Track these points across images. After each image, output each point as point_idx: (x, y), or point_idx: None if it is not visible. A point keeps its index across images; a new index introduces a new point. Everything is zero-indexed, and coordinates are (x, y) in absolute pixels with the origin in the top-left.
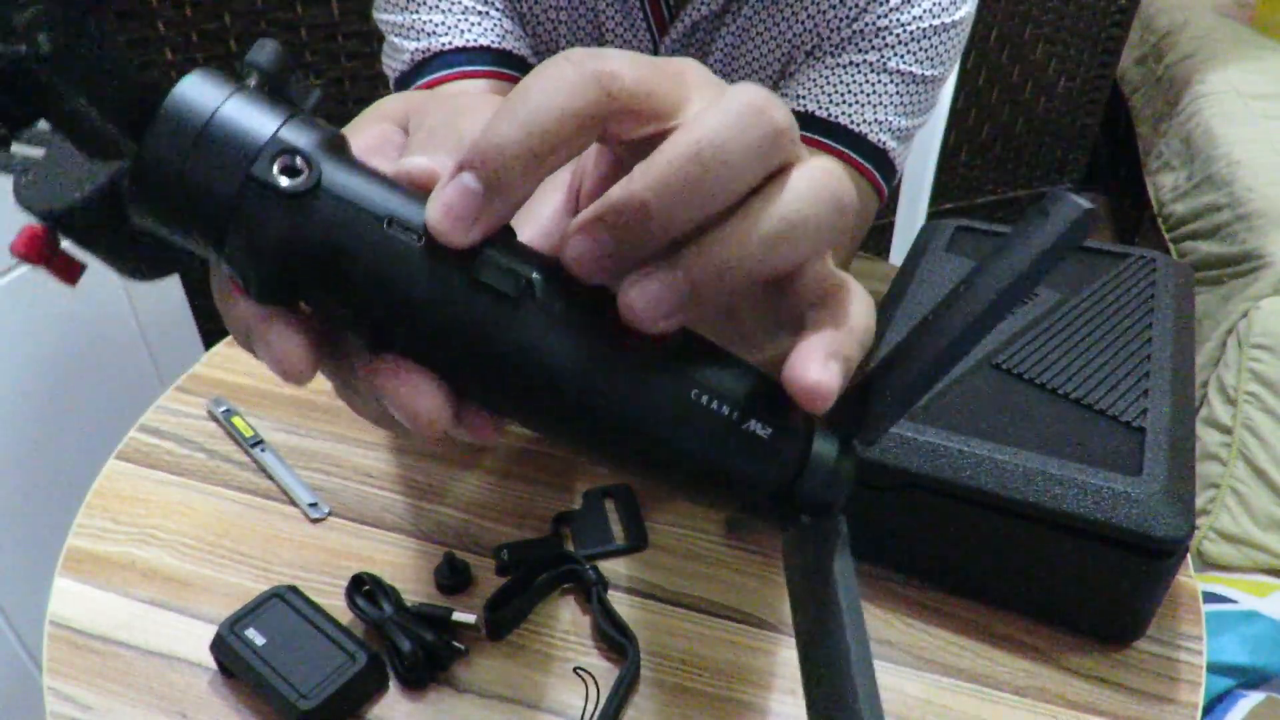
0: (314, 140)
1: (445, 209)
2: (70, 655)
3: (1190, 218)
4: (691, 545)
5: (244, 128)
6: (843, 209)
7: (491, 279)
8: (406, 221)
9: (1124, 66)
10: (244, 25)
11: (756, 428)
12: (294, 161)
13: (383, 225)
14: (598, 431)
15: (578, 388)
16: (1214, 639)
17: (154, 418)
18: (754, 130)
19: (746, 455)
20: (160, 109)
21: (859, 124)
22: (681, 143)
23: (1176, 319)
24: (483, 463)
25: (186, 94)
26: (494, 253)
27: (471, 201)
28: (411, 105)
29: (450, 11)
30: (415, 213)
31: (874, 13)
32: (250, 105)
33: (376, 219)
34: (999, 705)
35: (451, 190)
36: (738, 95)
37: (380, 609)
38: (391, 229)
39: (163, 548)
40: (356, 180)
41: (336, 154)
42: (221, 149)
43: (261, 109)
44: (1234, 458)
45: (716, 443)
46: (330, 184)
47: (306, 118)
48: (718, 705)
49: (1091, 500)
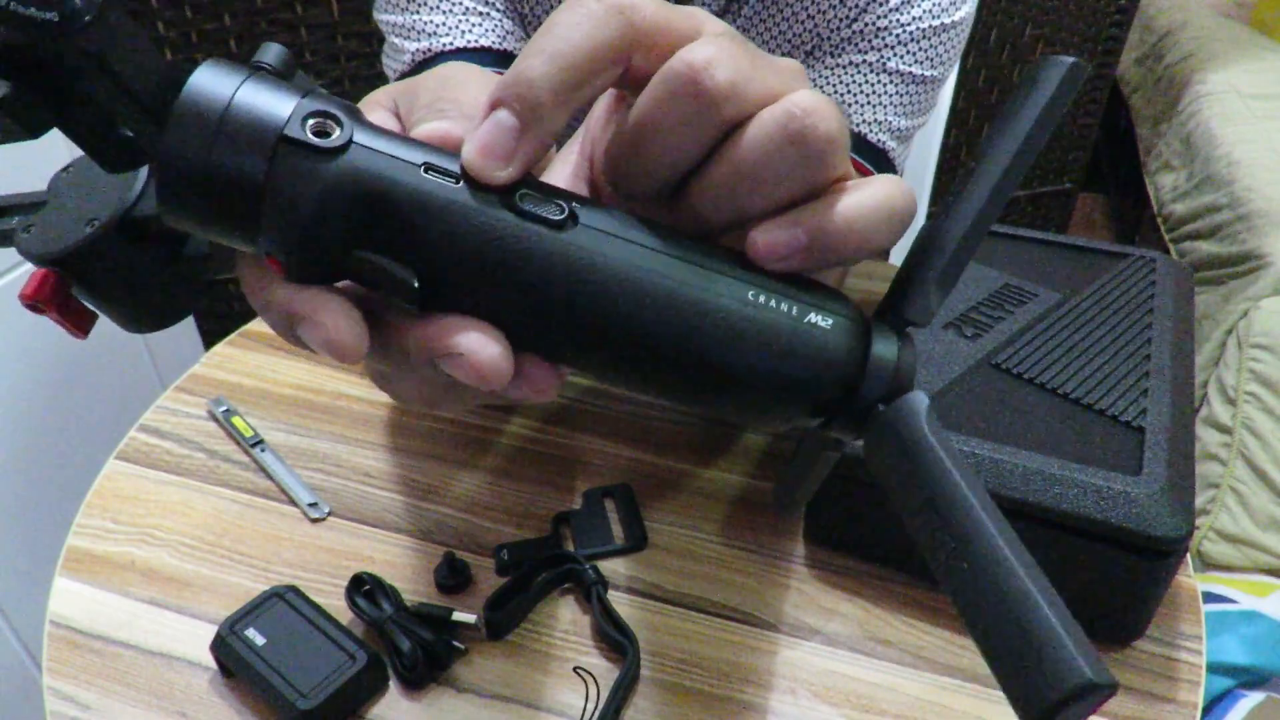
0: (339, 106)
1: (483, 147)
2: (70, 655)
3: (1190, 218)
4: (691, 545)
5: (268, 102)
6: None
7: (535, 207)
8: (442, 166)
9: (1124, 66)
10: (244, 25)
11: (818, 319)
12: (325, 123)
13: (420, 170)
14: (662, 351)
15: (636, 304)
16: (1214, 639)
17: (154, 418)
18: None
19: (812, 348)
20: (180, 96)
21: (859, 124)
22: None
23: (1176, 319)
24: (483, 463)
25: (203, 80)
26: (529, 188)
27: (508, 137)
28: (397, 91)
29: (451, 12)
30: (448, 160)
31: (873, 13)
32: (268, 85)
33: (414, 165)
34: (999, 705)
35: (488, 128)
36: None
37: (380, 609)
38: (429, 174)
39: (163, 548)
40: (385, 136)
41: (360, 118)
42: (248, 125)
43: (280, 87)
44: (1234, 458)
45: (783, 339)
46: (362, 139)
47: (324, 93)
48: (718, 705)
49: (1091, 500)
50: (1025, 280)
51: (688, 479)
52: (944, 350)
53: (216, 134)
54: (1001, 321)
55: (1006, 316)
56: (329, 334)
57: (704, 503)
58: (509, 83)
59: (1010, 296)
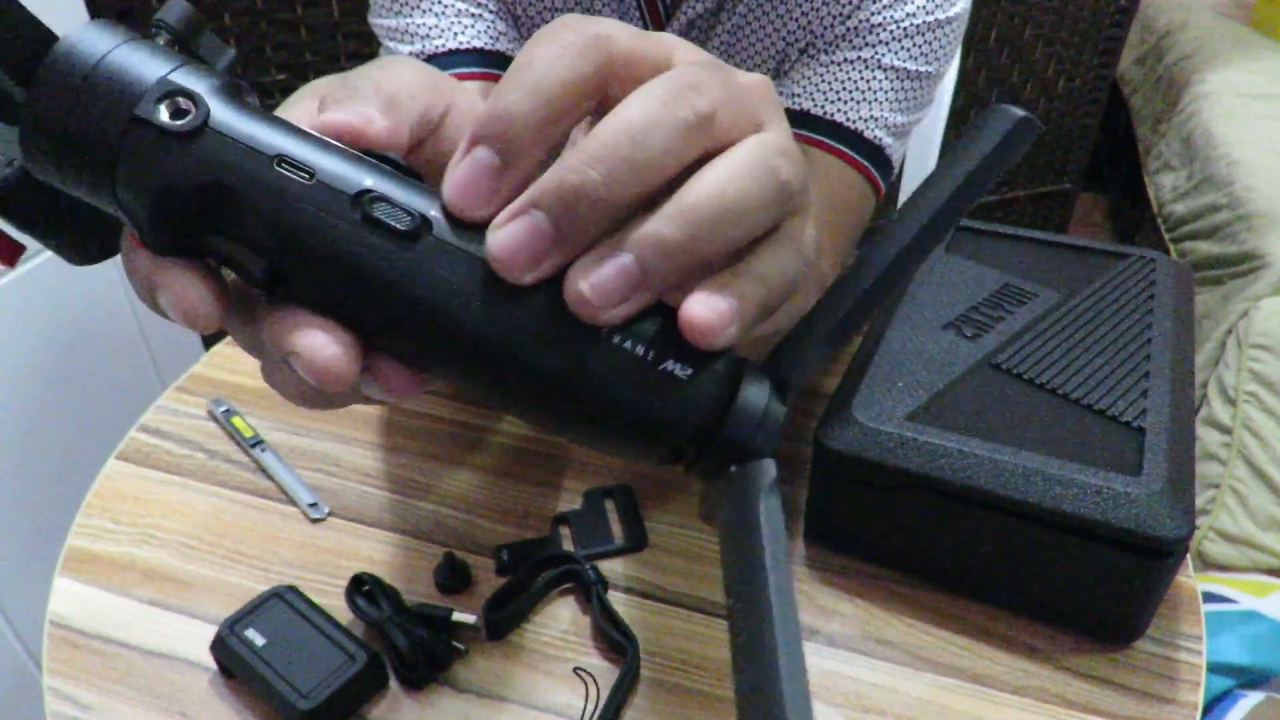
0: (207, 85)
1: (463, 186)
2: (70, 655)
3: (1190, 218)
4: (691, 545)
5: (132, 72)
6: (782, 184)
7: (384, 214)
8: (298, 160)
9: (1124, 66)
10: (244, 25)
11: (675, 368)
12: (180, 103)
13: (272, 164)
14: (507, 377)
15: (481, 330)
16: (1214, 639)
17: (154, 418)
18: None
19: (664, 397)
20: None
21: (854, 121)
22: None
23: (1176, 319)
24: (483, 463)
25: (76, 41)
26: (390, 189)
27: (488, 176)
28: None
29: (443, 15)
30: (310, 153)
31: (868, 9)
32: (141, 52)
33: (266, 158)
34: (999, 705)
35: (467, 166)
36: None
37: (380, 609)
38: (281, 168)
39: (163, 548)
40: (249, 121)
41: (231, 98)
42: (108, 93)
43: (154, 56)
44: (1234, 458)
45: (631, 383)
46: (218, 124)
47: (205, 67)
48: (718, 705)
49: (1091, 500)
50: (1025, 280)
51: (688, 479)
52: (944, 350)
53: (80, 93)
54: (1001, 321)
55: (1006, 316)
56: (176, 298)
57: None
58: (487, 119)
59: (1010, 296)
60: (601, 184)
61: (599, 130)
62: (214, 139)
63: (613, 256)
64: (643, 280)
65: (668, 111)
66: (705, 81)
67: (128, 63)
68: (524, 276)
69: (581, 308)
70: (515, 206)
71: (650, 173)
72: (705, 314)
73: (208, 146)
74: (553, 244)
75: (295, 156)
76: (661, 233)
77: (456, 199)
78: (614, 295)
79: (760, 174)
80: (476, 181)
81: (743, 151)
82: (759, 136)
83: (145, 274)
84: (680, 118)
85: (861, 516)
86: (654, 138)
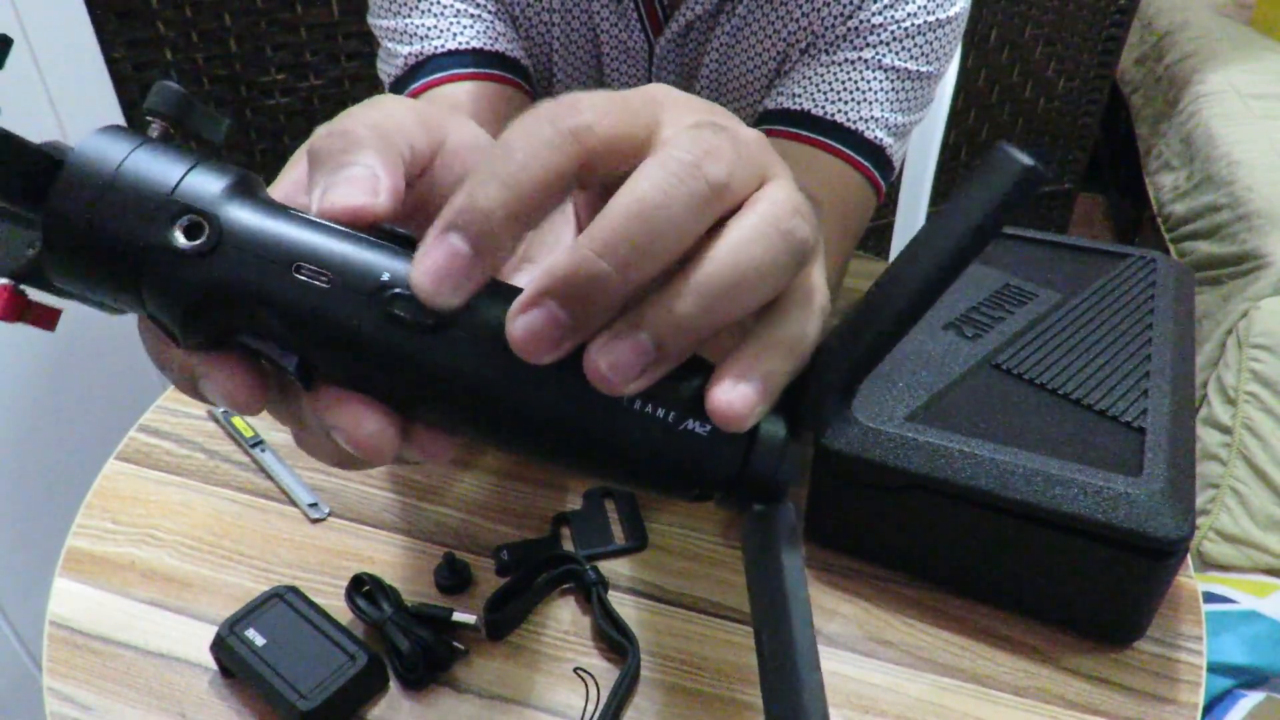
0: (216, 191)
1: (434, 274)
2: (70, 655)
3: (1190, 218)
4: (691, 545)
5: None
6: (798, 245)
7: (405, 311)
8: (315, 263)
9: (1124, 66)
10: (244, 25)
11: (695, 427)
12: (194, 220)
13: (290, 272)
14: (540, 443)
15: (510, 406)
16: (1214, 639)
17: (154, 418)
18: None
19: (686, 453)
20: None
21: (854, 121)
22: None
23: (1176, 319)
24: (482, 463)
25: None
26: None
27: (461, 264)
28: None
29: (442, 15)
30: (324, 249)
31: (868, 10)
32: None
33: (284, 266)
34: (999, 705)
35: (440, 254)
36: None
37: (380, 609)
38: (300, 274)
39: (163, 548)
40: (262, 228)
41: (243, 199)
42: (122, 219)
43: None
44: (1234, 458)
45: (654, 445)
46: (233, 236)
47: (209, 165)
48: (718, 705)
49: (1091, 500)
50: (1025, 280)
51: None
52: (944, 350)
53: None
54: (1002, 322)
55: (1007, 316)
56: (224, 392)
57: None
58: (462, 209)
59: (1010, 296)
60: (615, 273)
61: (611, 211)
62: (231, 254)
63: (629, 335)
64: (659, 357)
65: (682, 187)
66: (717, 147)
67: (136, 181)
68: (544, 359)
69: (602, 384)
70: (530, 296)
71: (667, 254)
72: (733, 402)
73: (226, 261)
74: (570, 331)
75: (311, 259)
76: (676, 310)
77: (429, 285)
78: (632, 371)
79: (774, 239)
80: (450, 269)
81: (755, 217)
82: (770, 195)
83: (182, 366)
84: (696, 192)
85: (862, 517)
86: (669, 217)
